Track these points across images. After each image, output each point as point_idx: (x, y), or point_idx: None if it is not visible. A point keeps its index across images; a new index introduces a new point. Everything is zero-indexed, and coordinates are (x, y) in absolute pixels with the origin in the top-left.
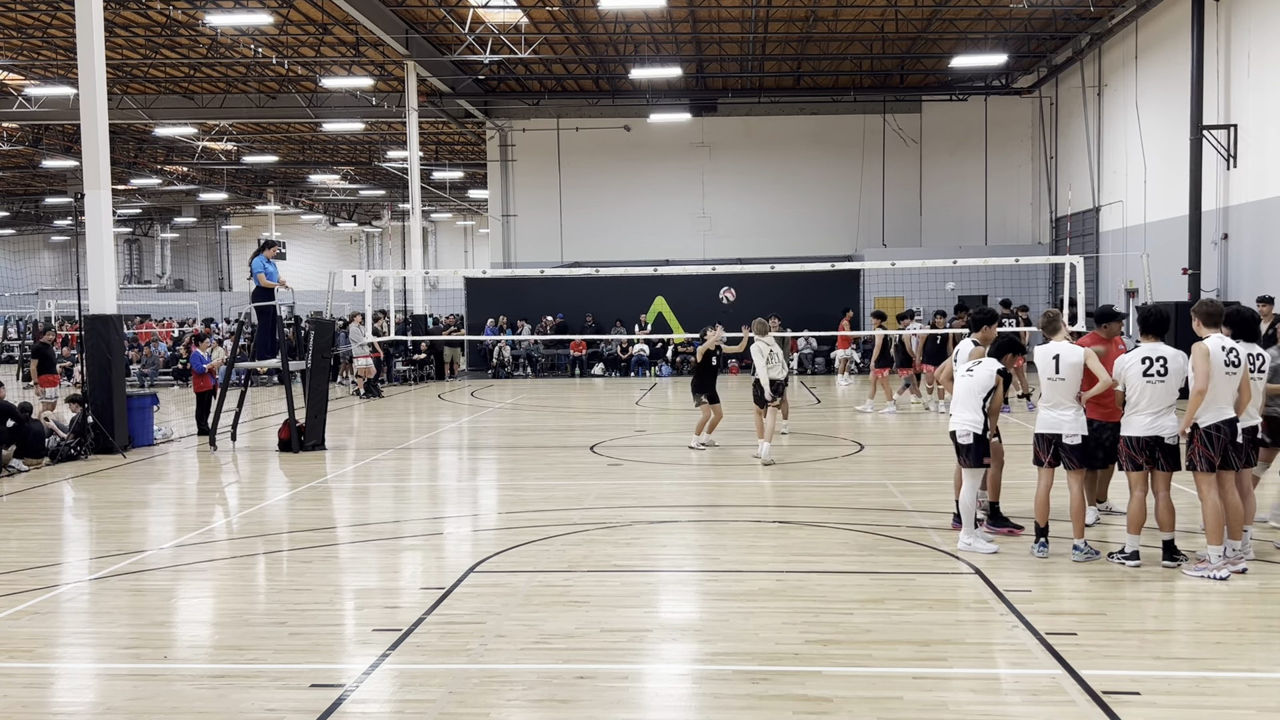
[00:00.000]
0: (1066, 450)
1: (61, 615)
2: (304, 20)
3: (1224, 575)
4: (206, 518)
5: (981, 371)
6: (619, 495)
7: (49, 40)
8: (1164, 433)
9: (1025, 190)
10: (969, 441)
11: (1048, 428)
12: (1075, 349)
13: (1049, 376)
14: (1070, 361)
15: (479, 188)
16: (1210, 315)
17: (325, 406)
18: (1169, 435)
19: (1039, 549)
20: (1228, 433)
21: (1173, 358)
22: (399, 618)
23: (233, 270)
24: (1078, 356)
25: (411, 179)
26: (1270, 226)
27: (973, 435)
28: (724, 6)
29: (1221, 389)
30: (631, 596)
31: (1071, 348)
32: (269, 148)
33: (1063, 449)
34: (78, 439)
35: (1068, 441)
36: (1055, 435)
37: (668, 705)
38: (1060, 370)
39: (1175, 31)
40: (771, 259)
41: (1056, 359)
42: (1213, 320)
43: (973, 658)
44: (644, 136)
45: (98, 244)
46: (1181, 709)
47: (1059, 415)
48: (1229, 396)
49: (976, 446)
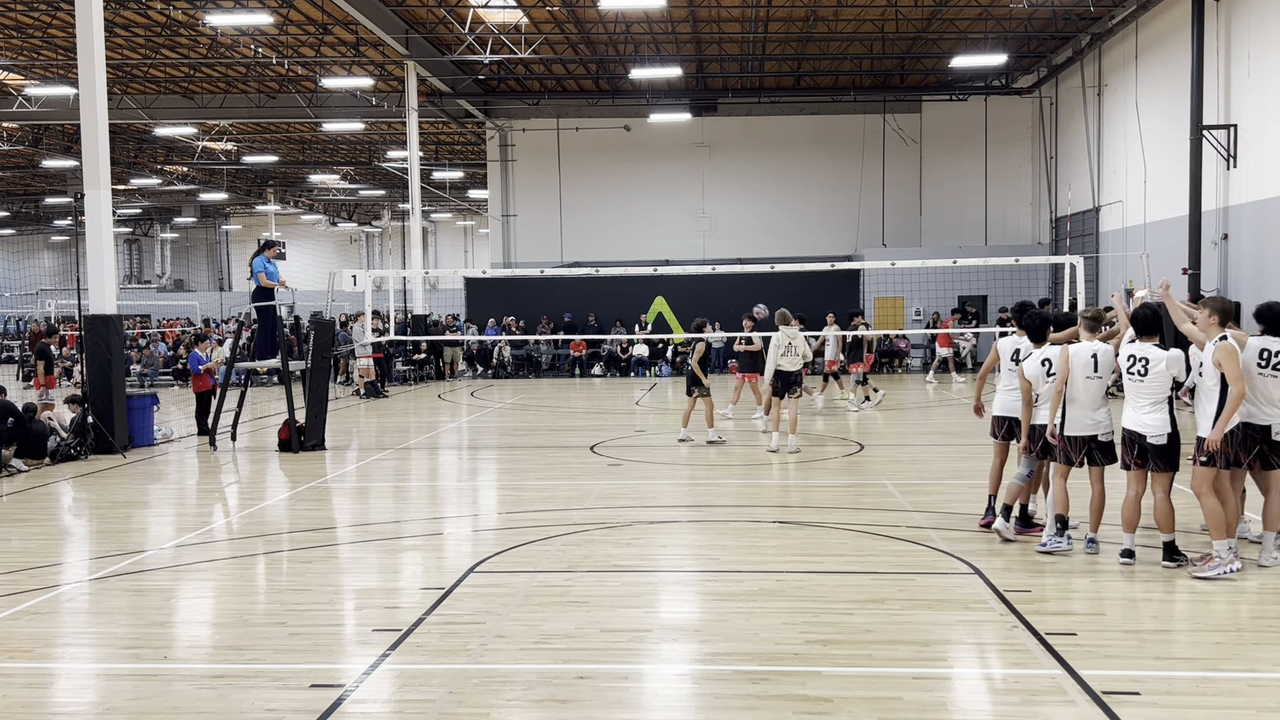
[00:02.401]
0: (1154, 451)
1: (61, 615)
2: (304, 20)
3: (1238, 567)
4: (206, 518)
5: (1162, 365)
6: (619, 495)
7: (49, 40)
8: (1099, 430)
9: (1025, 190)
10: (1164, 443)
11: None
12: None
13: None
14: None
15: (479, 188)
16: (1227, 312)
17: (325, 406)
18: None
19: (1088, 546)
20: (1261, 432)
21: (1155, 359)
22: (399, 618)
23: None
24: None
25: (411, 179)
26: (1270, 226)
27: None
28: (724, 6)
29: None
30: (631, 596)
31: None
32: (269, 148)
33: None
34: (78, 439)
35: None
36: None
37: (668, 705)
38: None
39: (1175, 31)
40: (771, 259)
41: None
42: (1229, 317)
43: (973, 658)
44: (644, 136)
45: (98, 244)
46: (1181, 709)
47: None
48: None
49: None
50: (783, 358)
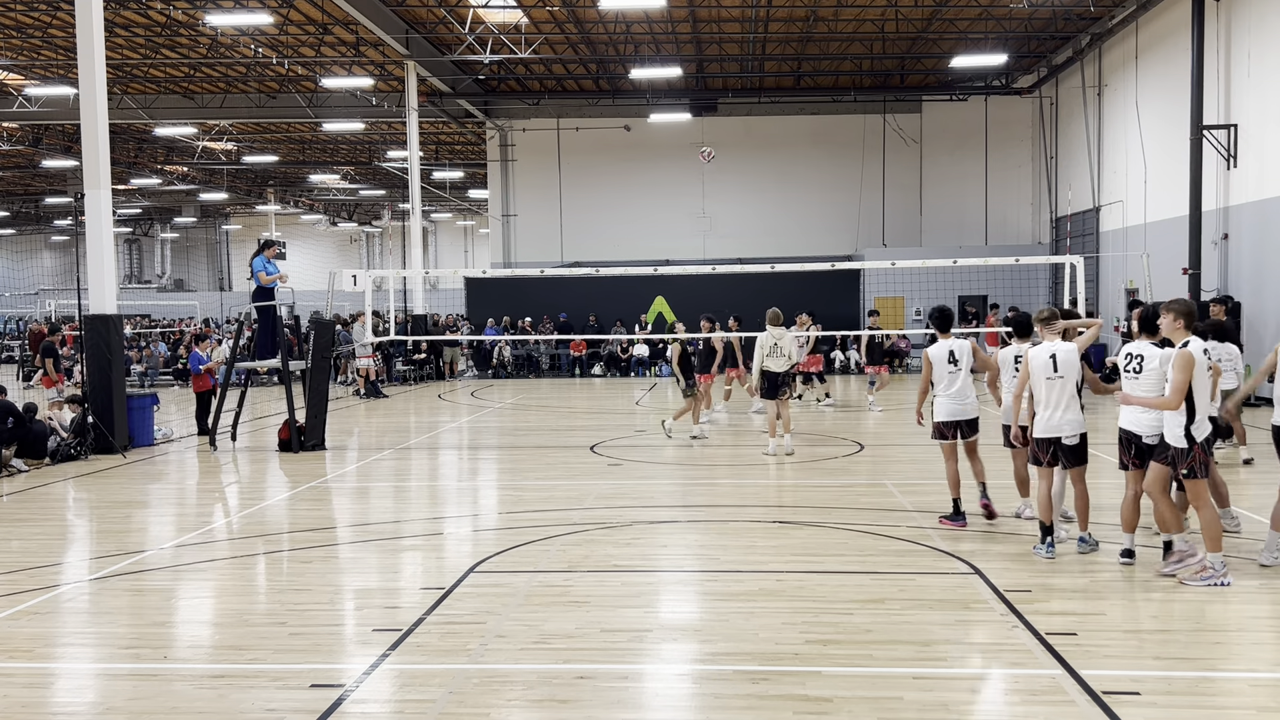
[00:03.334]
0: (1150, 451)
1: (61, 615)
2: (304, 20)
3: (1229, 581)
4: (206, 518)
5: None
6: (619, 495)
7: (49, 40)
8: (1062, 432)
9: (1025, 190)
10: (1157, 442)
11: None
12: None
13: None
14: None
15: (479, 188)
16: (1189, 315)
17: (325, 406)
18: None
19: (1080, 545)
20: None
21: (1150, 357)
22: (399, 618)
23: (233, 270)
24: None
25: (411, 179)
26: (1270, 226)
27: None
28: (724, 6)
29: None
30: (631, 596)
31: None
32: (269, 148)
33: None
34: (78, 439)
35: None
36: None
37: (668, 705)
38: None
39: (1175, 31)
40: (771, 259)
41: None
42: (1190, 321)
43: (973, 658)
44: (644, 136)
45: (98, 244)
46: (1181, 709)
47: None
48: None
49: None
50: (768, 358)
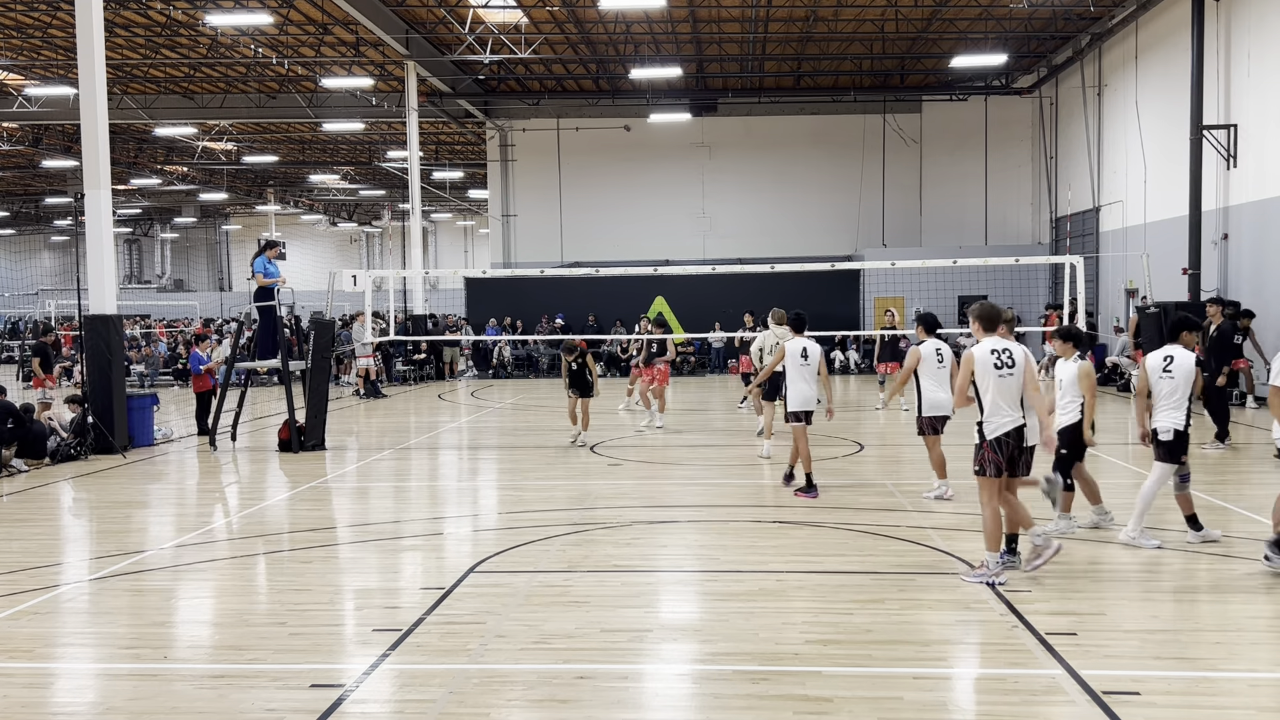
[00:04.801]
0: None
1: (61, 615)
2: (304, 20)
3: (1004, 580)
4: (206, 518)
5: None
6: (619, 495)
7: (49, 40)
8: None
9: (1025, 190)
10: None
11: None
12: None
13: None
14: None
15: (479, 188)
16: (992, 320)
17: (325, 406)
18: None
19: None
20: (1014, 439)
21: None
22: (399, 618)
23: (233, 270)
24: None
25: (411, 179)
26: (1270, 226)
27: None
28: (724, 6)
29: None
30: (631, 596)
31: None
32: (269, 148)
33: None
34: (78, 439)
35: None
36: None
37: (668, 705)
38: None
39: (1175, 31)
40: (771, 259)
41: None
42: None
43: (973, 658)
44: (644, 136)
45: (98, 244)
46: (1181, 709)
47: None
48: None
49: (1173, 443)
50: (769, 357)
